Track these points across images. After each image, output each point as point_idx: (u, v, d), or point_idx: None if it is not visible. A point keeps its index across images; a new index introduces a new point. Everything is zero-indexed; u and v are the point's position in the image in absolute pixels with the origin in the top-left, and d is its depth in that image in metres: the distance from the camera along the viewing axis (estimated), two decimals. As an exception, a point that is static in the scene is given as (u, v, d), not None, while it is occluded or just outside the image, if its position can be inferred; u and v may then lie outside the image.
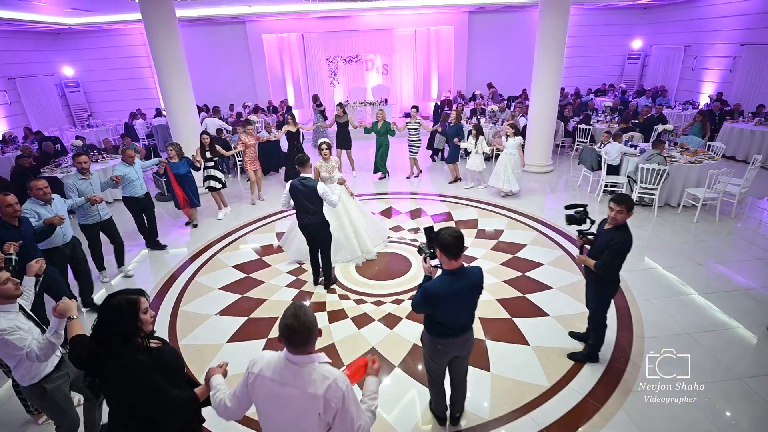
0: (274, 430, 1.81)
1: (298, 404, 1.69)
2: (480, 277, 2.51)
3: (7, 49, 12.17)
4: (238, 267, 5.46)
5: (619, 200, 2.99)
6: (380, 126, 8.30)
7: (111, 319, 1.82)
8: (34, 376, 2.54)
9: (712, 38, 12.66)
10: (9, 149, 10.04)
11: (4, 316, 2.40)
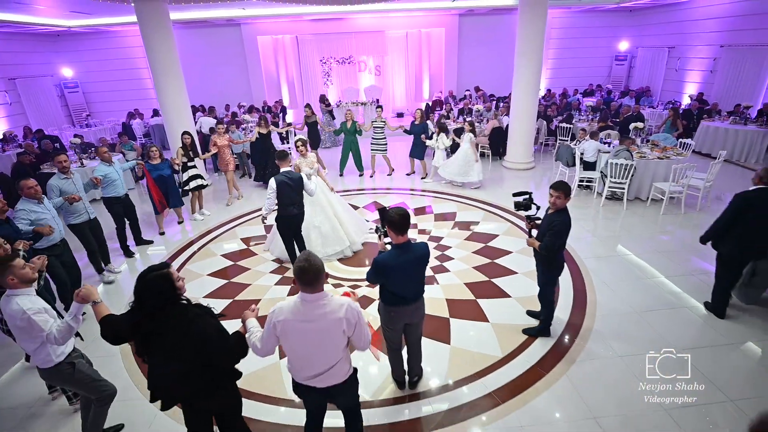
0: (302, 358, 2.19)
1: (324, 331, 2.11)
2: (425, 250, 2.85)
3: (7, 50, 12.51)
4: (227, 256, 5.80)
5: (557, 186, 3.32)
6: (349, 125, 8.67)
7: (157, 292, 2.07)
8: (59, 354, 2.63)
9: (694, 40, 13.03)
10: (9, 148, 10.38)
11: (28, 299, 2.53)
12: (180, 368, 2.14)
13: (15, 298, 2.51)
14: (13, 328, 2.54)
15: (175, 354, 2.12)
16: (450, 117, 11.20)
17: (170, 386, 2.19)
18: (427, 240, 5.97)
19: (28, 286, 2.59)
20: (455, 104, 13.07)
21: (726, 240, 3.93)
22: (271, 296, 4.78)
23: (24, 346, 2.62)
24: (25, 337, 2.54)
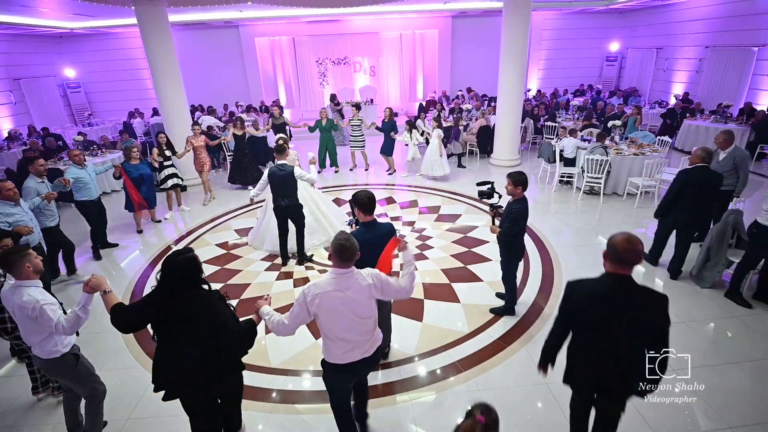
0: (339, 324, 2.39)
1: (358, 297, 2.39)
2: (390, 227, 3.21)
3: (12, 51, 12.89)
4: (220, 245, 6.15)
5: (510, 175, 3.67)
6: (324, 123, 9.04)
7: (185, 274, 2.25)
8: (66, 345, 2.66)
9: (681, 41, 13.35)
10: (15, 145, 10.75)
11: (38, 290, 2.55)
12: (196, 353, 2.30)
13: (26, 289, 2.52)
14: (24, 320, 2.53)
15: (192, 339, 2.28)
16: (441, 116, 11.52)
17: (186, 372, 2.31)
18: (411, 231, 6.31)
19: (38, 276, 2.62)
20: (448, 104, 13.39)
21: (673, 211, 4.60)
22: (261, 280, 5.13)
23: (30, 338, 2.59)
24: (34, 329, 2.55)
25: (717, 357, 3.61)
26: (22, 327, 2.58)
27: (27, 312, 2.47)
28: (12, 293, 2.53)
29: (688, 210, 4.45)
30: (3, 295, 2.60)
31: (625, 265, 2.20)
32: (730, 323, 4.05)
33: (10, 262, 2.52)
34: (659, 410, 3.09)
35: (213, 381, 2.39)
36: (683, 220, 4.54)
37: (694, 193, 4.37)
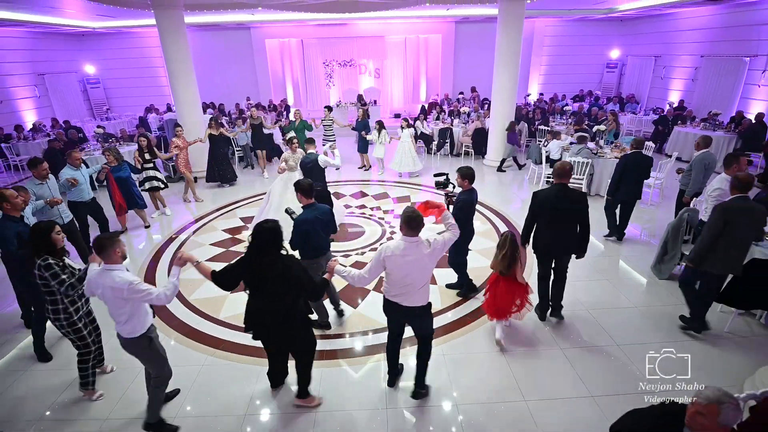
0: (402, 279, 2.98)
1: (419, 261, 2.94)
2: (326, 209, 4.00)
3: (38, 48, 13.66)
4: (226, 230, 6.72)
5: (458, 170, 4.26)
6: (297, 123, 9.48)
7: (271, 238, 2.77)
8: (144, 325, 2.89)
9: (678, 50, 13.70)
10: (38, 136, 11.48)
11: (126, 273, 2.79)
12: (276, 306, 2.85)
13: (115, 272, 2.73)
14: (115, 300, 2.73)
15: (277, 294, 2.83)
16: (440, 118, 12.05)
17: (269, 322, 2.89)
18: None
19: (122, 261, 2.83)
20: (448, 106, 13.89)
21: (619, 189, 5.81)
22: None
23: (118, 317, 2.81)
24: (124, 308, 2.76)
25: (657, 337, 4.09)
26: (112, 306, 2.79)
27: (122, 293, 2.69)
28: (102, 276, 2.74)
29: (629, 186, 5.69)
30: (92, 279, 2.82)
31: (562, 178, 3.92)
32: (678, 309, 4.51)
33: (104, 246, 2.74)
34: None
35: (286, 328, 2.96)
36: (626, 194, 5.75)
37: (631, 173, 5.64)
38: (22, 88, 13.18)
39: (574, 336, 4.15)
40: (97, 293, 2.81)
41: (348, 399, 3.46)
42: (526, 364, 3.77)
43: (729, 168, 4.44)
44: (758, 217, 3.67)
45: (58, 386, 3.68)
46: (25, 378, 3.82)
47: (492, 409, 3.32)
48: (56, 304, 3.24)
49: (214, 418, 3.30)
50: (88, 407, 3.46)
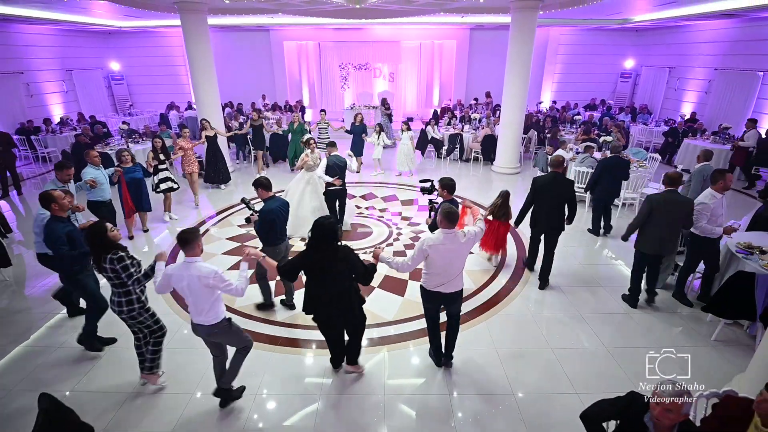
0: (442, 268, 3.40)
1: (458, 249, 3.38)
2: (285, 202, 4.51)
3: (67, 45, 14.26)
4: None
5: (439, 180, 4.49)
6: (296, 126, 9.94)
7: (328, 233, 3.15)
8: (223, 310, 3.19)
9: (693, 62, 13.72)
10: (65, 130, 12.01)
11: (205, 263, 3.04)
12: (337, 290, 3.28)
13: (197, 264, 2.98)
14: (201, 289, 2.95)
15: (336, 280, 3.25)
16: (451, 123, 12.29)
17: (334, 303, 3.29)
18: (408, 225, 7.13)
19: (201, 254, 3.08)
20: (460, 112, 14.11)
21: (596, 188, 6.62)
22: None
23: (202, 306, 3.02)
24: (208, 296, 3.00)
25: (646, 342, 4.29)
26: (197, 297, 2.99)
27: (208, 281, 2.93)
28: (186, 268, 2.97)
29: (606, 186, 6.48)
30: (175, 273, 3.00)
31: (557, 168, 5.03)
32: (667, 317, 4.71)
33: (188, 240, 2.97)
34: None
35: (347, 307, 3.37)
36: (605, 192, 6.51)
37: (609, 174, 6.43)
38: (52, 83, 13.78)
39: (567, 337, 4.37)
40: (180, 285, 3.00)
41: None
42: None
43: (715, 184, 4.61)
44: (679, 207, 4.41)
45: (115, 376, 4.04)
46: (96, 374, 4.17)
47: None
48: (129, 295, 3.38)
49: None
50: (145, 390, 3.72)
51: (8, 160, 8.81)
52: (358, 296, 3.51)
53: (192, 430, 3.33)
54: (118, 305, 3.39)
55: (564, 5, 9.49)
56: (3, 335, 4.51)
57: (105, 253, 3.26)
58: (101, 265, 3.29)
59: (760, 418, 2.24)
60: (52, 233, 3.81)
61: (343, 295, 3.34)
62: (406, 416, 3.45)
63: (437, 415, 3.44)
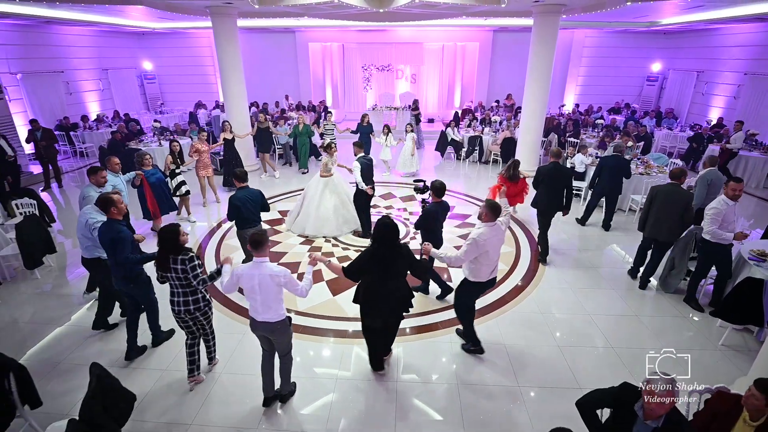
0: (493, 260, 3.84)
1: (501, 237, 3.84)
2: (256, 192, 5.03)
3: (103, 45, 14.98)
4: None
5: (432, 184, 4.67)
6: (301, 128, 10.10)
7: (392, 232, 3.43)
8: (285, 310, 3.35)
9: (722, 66, 13.44)
10: (101, 127, 12.66)
11: (274, 264, 3.23)
12: (395, 285, 3.55)
13: (267, 264, 3.18)
14: (271, 287, 3.15)
15: (397, 276, 3.55)
16: (471, 125, 12.41)
17: (391, 299, 3.55)
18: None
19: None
20: (481, 114, 14.17)
21: (596, 185, 7.18)
22: (298, 250, 6.34)
23: (272, 304, 3.21)
24: (277, 294, 3.20)
25: (653, 344, 4.39)
26: (267, 294, 3.17)
27: (279, 279, 3.14)
28: (257, 268, 3.15)
29: (604, 183, 6.99)
30: (245, 273, 3.17)
31: (556, 158, 5.89)
32: (677, 321, 4.78)
33: (260, 242, 3.16)
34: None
35: (403, 302, 3.63)
36: (604, 188, 7.04)
37: (607, 172, 6.91)
38: (89, 81, 14.51)
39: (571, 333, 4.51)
40: (250, 284, 3.16)
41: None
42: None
43: (725, 189, 4.66)
44: (676, 198, 4.94)
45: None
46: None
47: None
48: (196, 294, 3.53)
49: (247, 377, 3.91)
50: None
51: (51, 155, 9.40)
52: (410, 290, 3.73)
53: (211, 412, 3.61)
54: (184, 305, 3.51)
55: (587, 9, 9.50)
56: (48, 316, 4.95)
57: (175, 254, 3.39)
58: (167, 266, 3.41)
59: (749, 413, 2.38)
60: (121, 236, 3.77)
61: (402, 289, 3.60)
62: (420, 409, 3.68)
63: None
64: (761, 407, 2.35)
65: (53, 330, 4.69)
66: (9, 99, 11.08)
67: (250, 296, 3.25)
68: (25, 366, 3.09)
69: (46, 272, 5.95)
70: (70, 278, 5.85)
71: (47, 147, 9.29)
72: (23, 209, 6.48)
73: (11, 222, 6.43)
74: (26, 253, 5.47)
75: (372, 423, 3.50)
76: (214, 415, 3.55)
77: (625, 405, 2.38)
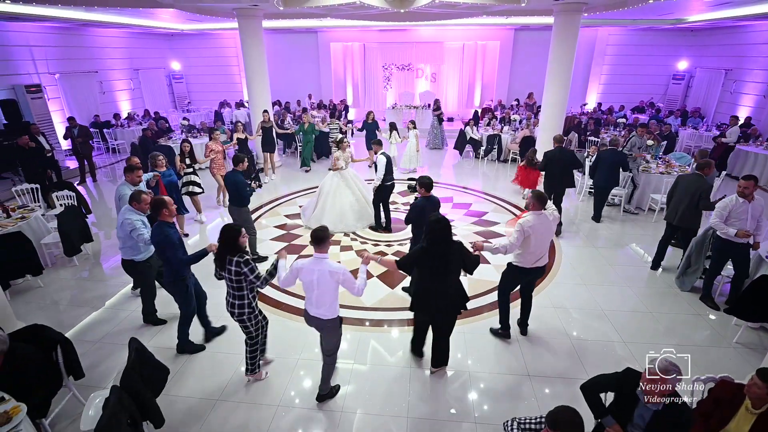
0: (537, 248, 3.99)
1: (550, 230, 4.05)
2: (240, 178, 5.59)
3: (134, 46, 15.60)
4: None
5: (418, 179, 4.78)
6: (307, 126, 10.41)
7: (446, 227, 3.43)
8: (338, 310, 3.43)
9: (752, 64, 13.06)
10: (132, 124, 13.22)
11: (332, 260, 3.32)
12: (449, 282, 3.54)
13: (327, 260, 3.27)
14: (331, 284, 3.24)
15: (450, 272, 3.53)
16: (491, 124, 12.44)
17: (441, 296, 3.54)
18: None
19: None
20: (500, 113, 14.17)
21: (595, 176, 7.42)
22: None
23: (325, 299, 3.28)
24: (333, 291, 3.28)
25: (666, 340, 4.43)
26: (323, 290, 3.26)
27: (337, 276, 3.23)
28: (317, 263, 3.26)
29: (601, 175, 7.20)
30: (305, 267, 3.28)
31: (560, 143, 6.91)
32: (691, 318, 4.80)
33: (322, 239, 3.29)
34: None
35: (453, 302, 3.62)
36: (599, 180, 7.29)
37: (605, 165, 7.13)
38: (121, 81, 15.14)
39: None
40: (309, 278, 3.27)
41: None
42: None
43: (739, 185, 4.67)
44: (695, 185, 5.26)
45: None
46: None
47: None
48: (242, 300, 3.53)
49: (277, 359, 4.14)
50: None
51: (86, 151, 9.92)
52: (463, 290, 3.74)
53: (230, 392, 3.84)
54: (230, 306, 3.57)
55: (609, 7, 9.43)
56: (86, 300, 5.31)
57: (232, 255, 3.41)
58: (224, 265, 3.45)
59: (750, 401, 2.47)
60: (167, 239, 3.82)
61: (453, 286, 3.61)
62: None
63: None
64: (763, 396, 2.43)
65: (91, 313, 5.03)
66: (48, 98, 11.73)
67: (308, 290, 3.34)
68: (70, 340, 3.39)
69: (83, 260, 6.35)
70: (105, 266, 6.23)
71: (83, 143, 9.80)
72: (63, 201, 6.91)
73: (51, 213, 6.89)
74: (66, 242, 5.86)
75: (387, 411, 3.68)
76: (243, 394, 3.80)
77: (628, 389, 2.49)
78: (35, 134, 8.88)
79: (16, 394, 2.80)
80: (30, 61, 11.47)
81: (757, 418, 2.47)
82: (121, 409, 2.56)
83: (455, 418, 3.55)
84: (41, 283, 5.63)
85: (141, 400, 2.81)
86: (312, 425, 3.50)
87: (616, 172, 7.17)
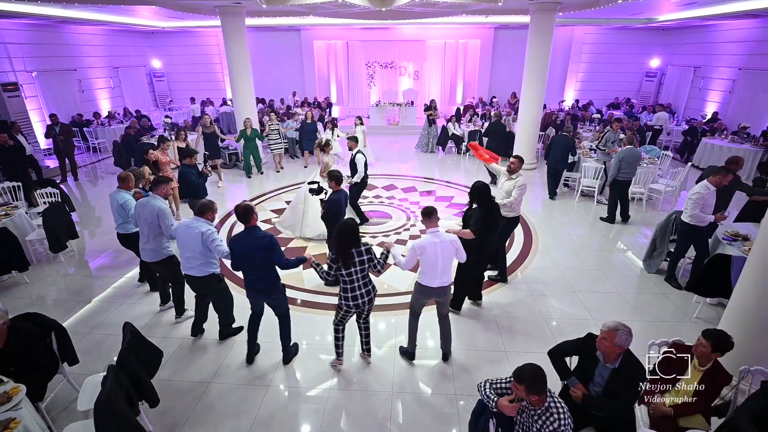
0: (433, 267, 3.72)
1: (447, 249, 3.65)
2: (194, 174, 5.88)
3: (114, 44, 15.43)
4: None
5: (328, 173, 5.06)
6: (249, 132, 9.71)
7: (487, 189, 4.20)
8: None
9: (718, 61, 13.68)
10: (113, 123, 13.11)
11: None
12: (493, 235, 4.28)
13: (440, 232, 3.60)
14: (453, 250, 3.61)
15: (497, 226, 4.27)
16: (472, 120, 12.75)
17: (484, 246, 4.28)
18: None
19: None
20: (481, 109, 14.49)
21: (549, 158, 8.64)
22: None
23: (450, 267, 3.63)
24: (453, 259, 3.66)
25: (634, 317, 4.75)
26: (447, 259, 3.58)
27: (456, 243, 3.63)
28: (437, 236, 3.56)
29: (554, 157, 8.29)
30: (429, 241, 3.52)
31: (497, 117, 9.60)
32: (657, 298, 5.13)
33: (431, 213, 3.63)
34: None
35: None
36: (552, 162, 8.37)
37: (557, 148, 8.24)
38: (100, 79, 14.96)
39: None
40: (433, 251, 3.52)
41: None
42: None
43: (715, 177, 4.98)
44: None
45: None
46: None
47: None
48: (369, 282, 3.66)
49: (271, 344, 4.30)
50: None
51: (68, 149, 9.84)
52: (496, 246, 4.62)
53: (226, 377, 4.02)
54: (366, 294, 3.60)
55: (582, 7, 9.80)
56: (74, 295, 5.38)
57: (356, 247, 3.46)
58: (351, 261, 3.44)
59: (698, 359, 2.75)
60: (273, 242, 3.66)
61: (494, 240, 4.63)
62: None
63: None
64: (707, 354, 2.71)
65: (80, 308, 5.10)
66: (25, 96, 11.55)
67: (431, 265, 3.55)
68: (64, 326, 3.50)
69: (69, 256, 6.38)
70: (91, 262, 6.28)
71: (65, 141, 9.73)
72: (47, 198, 6.91)
73: (33, 210, 6.88)
74: (52, 238, 5.89)
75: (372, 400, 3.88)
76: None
77: (589, 352, 2.75)
78: (15, 134, 8.79)
79: (18, 372, 2.91)
80: (6, 58, 11.30)
81: (703, 374, 2.76)
82: (119, 387, 2.70)
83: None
84: (27, 279, 5.66)
85: (136, 380, 2.95)
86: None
87: (565, 156, 8.20)
